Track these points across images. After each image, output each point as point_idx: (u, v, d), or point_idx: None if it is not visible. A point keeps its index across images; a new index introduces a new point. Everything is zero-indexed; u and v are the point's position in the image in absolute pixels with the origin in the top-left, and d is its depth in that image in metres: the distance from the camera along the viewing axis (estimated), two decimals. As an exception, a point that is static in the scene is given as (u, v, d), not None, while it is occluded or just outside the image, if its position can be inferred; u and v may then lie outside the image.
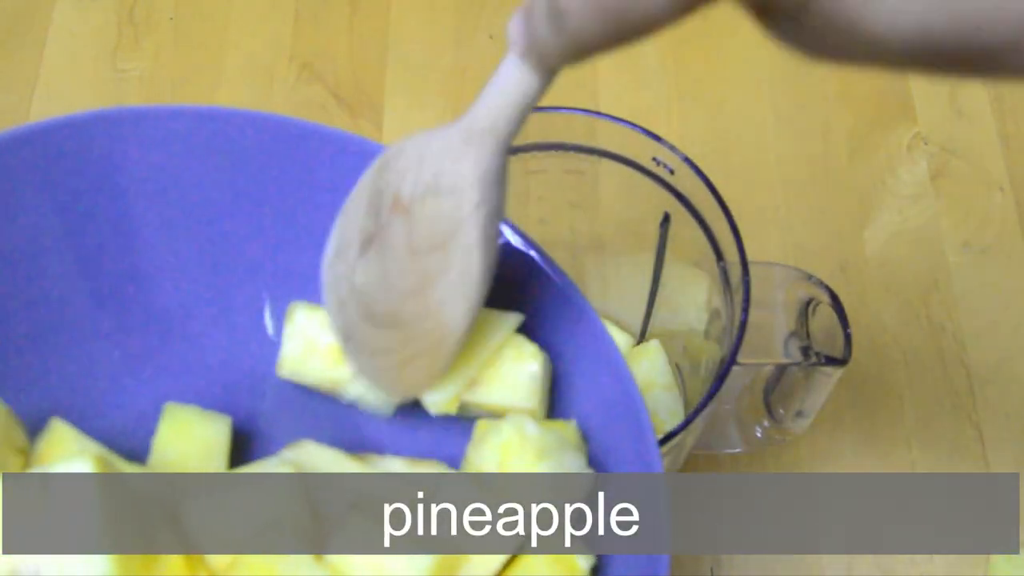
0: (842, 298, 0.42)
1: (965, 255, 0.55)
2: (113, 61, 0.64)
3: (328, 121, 0.61)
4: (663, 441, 0.37)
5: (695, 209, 0.42)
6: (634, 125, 0.41)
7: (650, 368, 0.48)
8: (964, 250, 0.56)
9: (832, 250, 0.56)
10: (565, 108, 0.42)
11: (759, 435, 0.48)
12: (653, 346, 0.48)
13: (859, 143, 0.59)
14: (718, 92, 0.61)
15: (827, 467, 0.51)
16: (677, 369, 0.49)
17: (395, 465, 0.34)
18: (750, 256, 0.39)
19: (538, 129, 0.43)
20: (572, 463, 0.32)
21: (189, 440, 0.33)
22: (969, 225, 0.56)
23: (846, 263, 0.56)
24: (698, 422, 0.39)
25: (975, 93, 0.60)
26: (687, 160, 0.41)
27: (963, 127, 0.59)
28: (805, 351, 0.41)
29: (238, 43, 0.64)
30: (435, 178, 0.29)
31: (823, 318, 0.41)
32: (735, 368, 0.38)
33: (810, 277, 0.42)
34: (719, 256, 0.41)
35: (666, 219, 0.44)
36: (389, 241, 0.30)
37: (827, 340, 0.41)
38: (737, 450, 0.49)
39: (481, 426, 0.34)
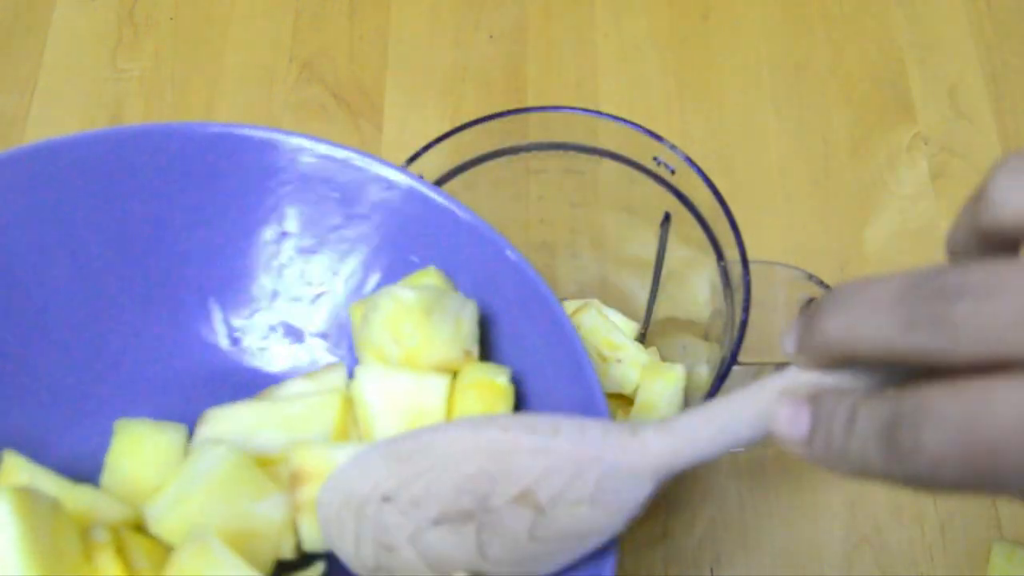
0: (842, 298, 0.41)
1: (965, 255, 0.55)
2: (113, 61, 0.64)
3: (328, 121, 0.61)
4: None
5: (696, 208, 0.42)
6: (635, 125, 0.41)
7: (662, 391, 0.46)
8: (964, 250, 0.56)
9: (832, 250, 0.56)
10: (565, 108, 0.42)
11: (759, 435, 0.48)
12: (677, 372, 0.46)
13: (859, 143, 0.59)
14: (718, 92, 0.61)
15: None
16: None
17: (296, 386, 0.35)
18: (750, 255, 0.39)
19: (538, 129, 0.43)
20: (460, 307, 0.33)
21: (143, 453, 0.33)
22: (969, 225, 0.56)
23: (846, 263, 0.56)
24: (698, 422, 0.39)
25: (975, 93, 0.60)
26: (688, 159, 0.41)
27: (963, 127, 0.59)
28: (805, 351, 0.41)
29: (238, 43, 0.64)
30: (597, 493, 0.27)
31: (823, 318, 0.41)
32: (735, 368, 0.38)
33: (811, 276, 0.42)
34: (720, 255, 0.41)
35: (667, 218, 0.44)
36: (502, 526, 0.28)
37: (827, 340, 0.41)
38: (737, 450, 0.49)
39: (355, 310, 0.35)
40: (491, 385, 0.33)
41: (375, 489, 0.30)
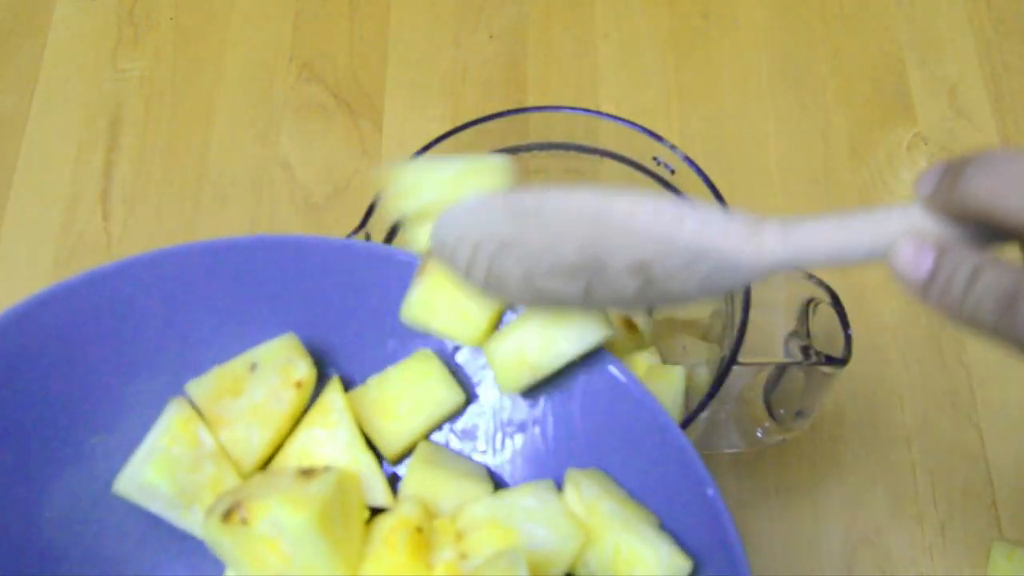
0: (842, 298, 0.42)
1: (965, 255, 0.55)
2: (113, 61, 0.64)
3: (328, 121, 0.61)
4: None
5: (695, 209, 0.42)
6: (635, 124, 0.41)
7: (664, 392, 0.46)
8: (964, 250, 0.56)
9: (832, 250, 0.56)
10: (566, 108, 0.42)
11: (760, 435, 0.48)
12: (677, 374, 0.46)
13: (859, 143, 0.59)
14: (718, 92, 0.61)
15: (827, 467, 0.51)
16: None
17: None
18: (750, 256, 0.39)
19: (538, 129, 0.43)
20: None
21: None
22: (969, 225, 0.56)
23: (846, 263, 0.56)
24: (698, 422, 0.39)
25: (975, 93, 0.60)
26: (688, 159, 0.41)
27: (963, 127, 0.59)
28: (805, 351, 0.41)
29: (238, 43, 0.64)
30: (707, 277, 0.28)
31: (823, 318, 0.41)
32: (735, 368, 0.38)
33: (810, 277, 0.42)
34: (719, 256, 0.41)
35: (666, 219, 0.44)
36: (612, 286, 0.30)
37: (827, 340, 0.41)
38: (737, 450, 0.49)
39: None
40: None
41: (494, 233, 0.31)
